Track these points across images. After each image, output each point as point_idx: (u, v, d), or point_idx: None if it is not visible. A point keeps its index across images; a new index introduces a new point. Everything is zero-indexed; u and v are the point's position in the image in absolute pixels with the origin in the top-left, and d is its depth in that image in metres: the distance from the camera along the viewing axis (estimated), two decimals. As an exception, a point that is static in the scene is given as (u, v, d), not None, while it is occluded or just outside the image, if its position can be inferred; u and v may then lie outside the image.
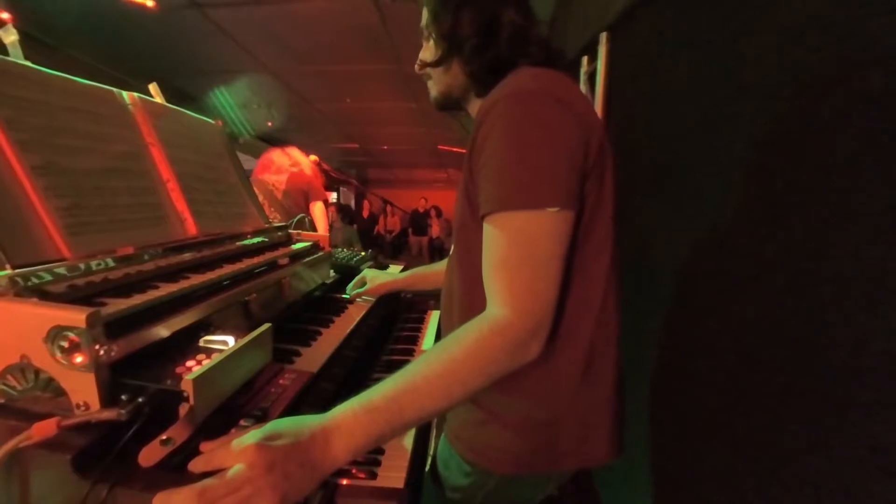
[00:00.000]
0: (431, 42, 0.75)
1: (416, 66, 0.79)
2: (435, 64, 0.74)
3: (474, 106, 0.77)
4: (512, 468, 0.67)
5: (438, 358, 0.54)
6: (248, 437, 0.46)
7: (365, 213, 9.89)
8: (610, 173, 0.65)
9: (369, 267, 1.47)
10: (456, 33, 0.70)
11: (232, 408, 0.60)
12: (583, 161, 0.60)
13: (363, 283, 1.24)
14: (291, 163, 2.72)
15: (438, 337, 1.29)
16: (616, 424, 0.69)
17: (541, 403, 0.65)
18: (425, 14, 0.76)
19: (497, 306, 0.56)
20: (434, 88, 0.79)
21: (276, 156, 2.75)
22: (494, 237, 0.58)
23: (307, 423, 0.49)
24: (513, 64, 0.68)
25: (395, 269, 1.63)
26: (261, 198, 2.10)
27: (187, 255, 0.83)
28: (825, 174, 0.61)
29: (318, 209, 2.70)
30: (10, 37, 0.75)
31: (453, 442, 0.73)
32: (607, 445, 0.68)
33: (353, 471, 0.67)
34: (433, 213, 9.64)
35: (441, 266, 1.21)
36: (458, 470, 0.71)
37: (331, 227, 5.59)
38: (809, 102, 0.65)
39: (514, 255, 0.56)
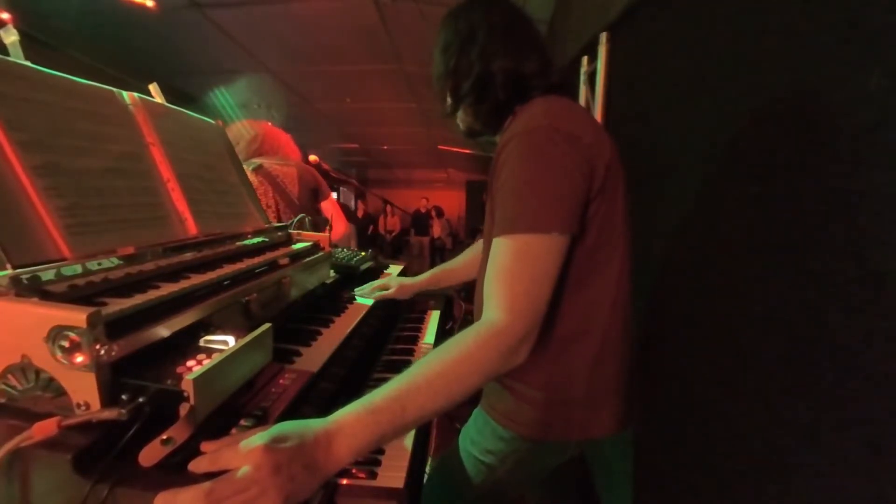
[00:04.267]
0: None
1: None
2: (447, 115, 0.88)
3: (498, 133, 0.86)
4: (537, 434, 0.77)
5: (438, 359, 0.58)
6: (255, 439, 0.47)
7: (360, 214, 9.89)
8: (620, 189, 0.73)
9: (369, 266, 1.48)
10: (456, 92, 0.82)
11: (232, 407, 0.60)
12: (587, 187, 0.68)
13: (386, 288, 1.26)
14: (293, 150, 2.15)
15: (439, 337, 1.30)
16: (620, 404, 0.78)
17: (557, 388, 0.75)
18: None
19: (494, 310, 0.62)
20: (461, 125, 0.90)
21: (272, 132, 2.09)
22: (502, 252, 0.65)
23: (311, 425, 0.50)
24: (520, 98, 0.76)
25: (394, 269, 1.64)
26: (261, 190, 1.81)
27: (188, 255, 0.83)
28: (825, 174, 0.61)
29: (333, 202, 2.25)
30: (10, 37, 0.75)
31: (489, 412, 0.82)
32: (612, 422, 0.77)
33: (353, 471, 0.67)
34: (433, 213, 9.63)
35: (458, 263, 1.30)
36: (493, 435, 0.81)
37: None
38: (809, 102, 0.65)
39: (517, 268, 0.63)
